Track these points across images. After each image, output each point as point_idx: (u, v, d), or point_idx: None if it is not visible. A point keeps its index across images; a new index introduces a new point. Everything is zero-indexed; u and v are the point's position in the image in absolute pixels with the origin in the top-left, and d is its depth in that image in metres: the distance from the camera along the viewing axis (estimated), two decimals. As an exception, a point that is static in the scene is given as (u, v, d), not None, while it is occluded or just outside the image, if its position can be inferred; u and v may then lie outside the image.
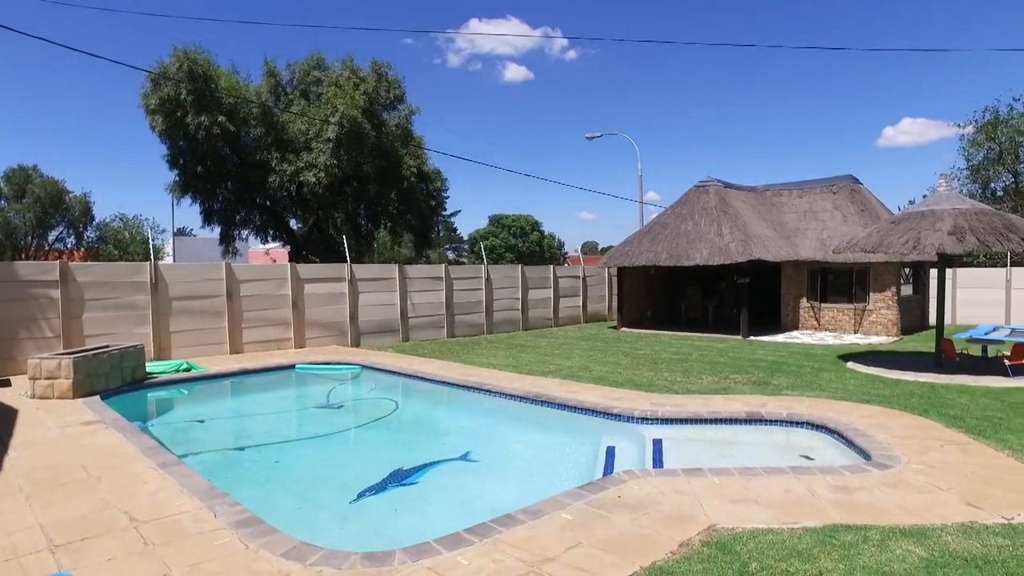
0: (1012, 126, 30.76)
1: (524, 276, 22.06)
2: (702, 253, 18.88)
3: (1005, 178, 32.14)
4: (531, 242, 66.16)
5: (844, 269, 19.54)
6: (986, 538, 4.64)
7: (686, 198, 21.69)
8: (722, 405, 9.05)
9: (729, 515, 5.11)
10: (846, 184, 21.56)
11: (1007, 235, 10.76)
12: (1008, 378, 10.90)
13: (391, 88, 26.40)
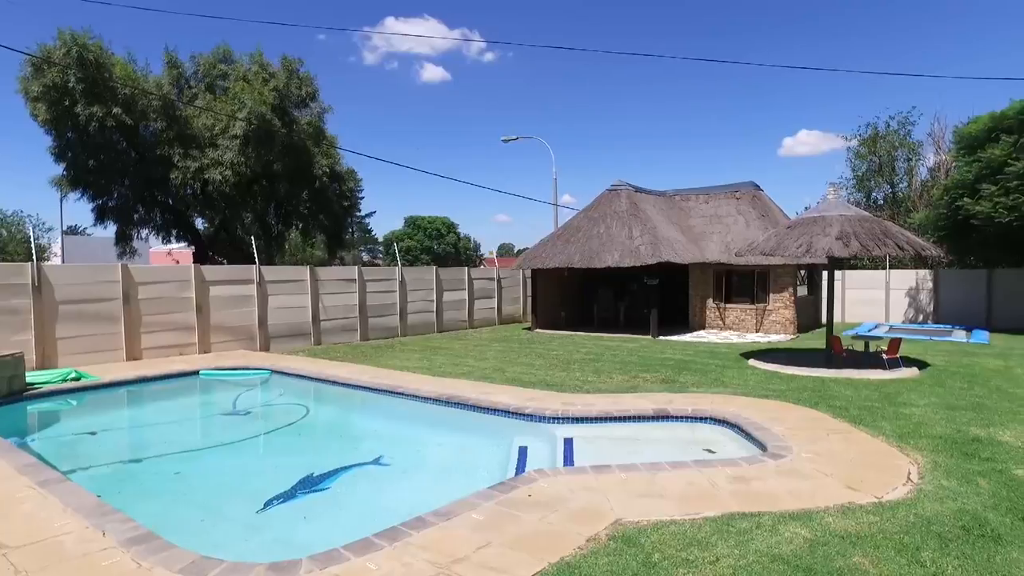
0: (889, 141, 33.40)
1: (439, 278, 21.98)
2: (614, 255, 19.41)
3: (884, 188, 34.82)
4: (447, 244, 65.95)
5: (747, 271, 20.60)
6: (861, 516, 5.04)
7: (598, 201, 22.25)
8: (631, 403, 9.35)
9: (635, 509, 5.29)
10: (748, 190, 22.75)
11: (884, 240, 11.68)
12: (885, 371, 11.83)
13: (303, 85, 25.68)
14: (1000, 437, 7.44)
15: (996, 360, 13.91)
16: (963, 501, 5.39)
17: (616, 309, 23.61)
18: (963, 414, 8.63)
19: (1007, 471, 6.19)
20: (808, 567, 4.23)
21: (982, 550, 4.50)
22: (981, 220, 19.93)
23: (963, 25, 64.52)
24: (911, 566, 4.25)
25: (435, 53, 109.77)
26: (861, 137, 34.37)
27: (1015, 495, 5.56)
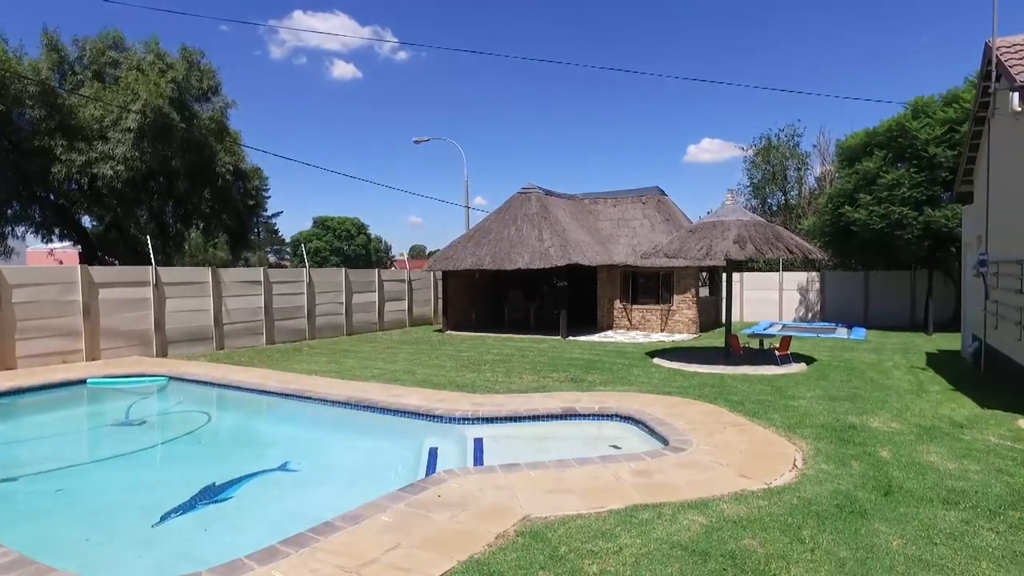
0: (781, 152, 35.66)
1: (348, 280, 21.55)
2: (524, 257, 19.69)
3: (778, 196, 37.13)
4: (357, 245, 64.73)
5: (652, 273, 21.42)
6: (752, 502, 5.39)
7: (509, 204, 22.51)
8: (540, 402, 9.54)
9: (543, 505, 5.42)
10: (654, 195, 23.67)
11: (776, 244, 12.49)
12: (778, 366, 12.64)
13: (204, 77, 24.51)
14: (871, 424, 8.14)
15: (871, 354, 15.15)
16: (838, 482, 5.87)
17: (527, 310, 23.95)
18: (842, 404, 9.36)
19: (875, 453, 6.80)
20: (704, 551, 4.49)
21: (851, 524, 4.94)
22: (859, 226, 21.61)
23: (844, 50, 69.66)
24: (793, 543, 4.59)
25: (346, 50, 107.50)
26: (756, 147, 36.53)
27: (879, 474, 6.13)
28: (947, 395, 10.14)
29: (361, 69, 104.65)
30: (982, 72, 11.65)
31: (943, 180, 19.73)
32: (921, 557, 4.39)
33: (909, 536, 4.73)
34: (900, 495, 5.59)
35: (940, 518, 5.07)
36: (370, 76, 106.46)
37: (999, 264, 11.43)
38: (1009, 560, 4.38)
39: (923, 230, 20.35)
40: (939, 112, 20.69)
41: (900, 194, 20.69)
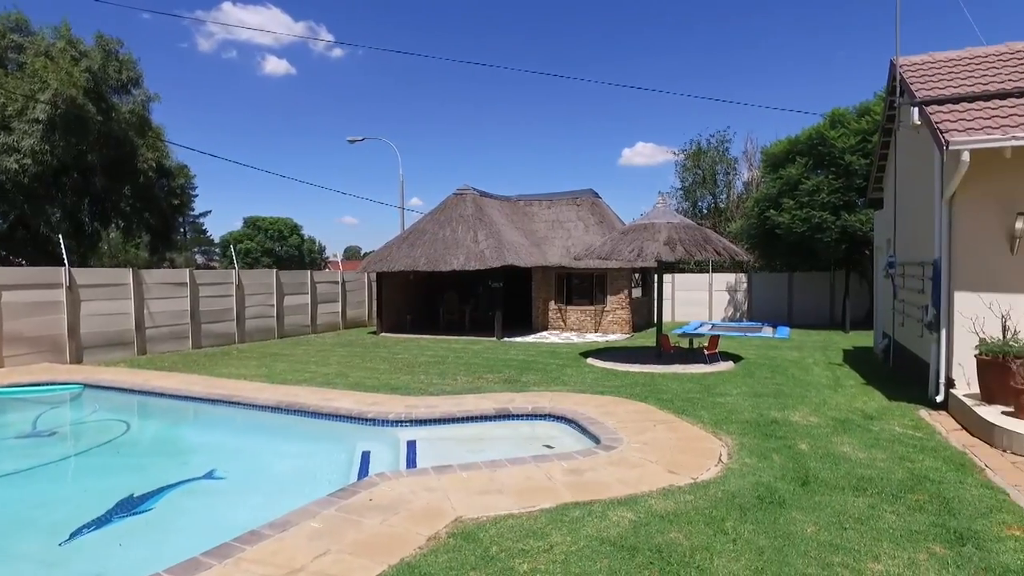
0: (710, 157, 36.90)
1: (280, 281, 20.98)
2: (459, 259, 19.66)
3: (708, 199, 38.39)
4: (290, 246, 63.05)
5: (586, 274, 21.74)
6: (679, 497, 5.55)
7: (444, 205, 22.42)
8: (474, 404, 9.55)
9: (475, 506, 5.42)
10: (588, 197, 24.04)
11: (705, 246, 12.90)
12: (707, 365, 13.05)
13: (123, 68, 23.39)
14: (791, 418, 8.51)
15: (794, 352, 15.84)
16: (760, 475, 6.12)
17: (462, 312, 23.91)
18: (766, 400, 9.75)
19: (794, 446, 7.11)
20: (632, 546, 4.59)
21: (771, 514, 5.15)
22: (783, 230, 22.62)
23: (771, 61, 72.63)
24: (716, 535, 4.75)
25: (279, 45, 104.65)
26: (687, 152, 37.64)
27: (797, 465, 6.42)
28: (860, 389, 10.70)
29: (295, 65, 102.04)
30: (888, 87, 12.37)
31: (858, 187, 20.85)
32: (832, 542, 4.63)
33: (822, 523, 4.98)
34: (816, 485, 5.87)
35: (850, 504, 5.36)
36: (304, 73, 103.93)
37: (905, 266, 12.16)
38: (906, 539, 4.68)
39: (840, 233, 21.48)
40: (853, 123, 21.88)
41: (820, 199, 21.78)
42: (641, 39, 79.57)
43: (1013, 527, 4.89)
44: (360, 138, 29.50)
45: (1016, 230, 8.55)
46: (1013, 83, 9.92)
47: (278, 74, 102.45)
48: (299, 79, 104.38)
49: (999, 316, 8.42)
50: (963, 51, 11.99)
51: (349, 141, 29.53)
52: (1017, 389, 7.42)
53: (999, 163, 8.50)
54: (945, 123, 8.91)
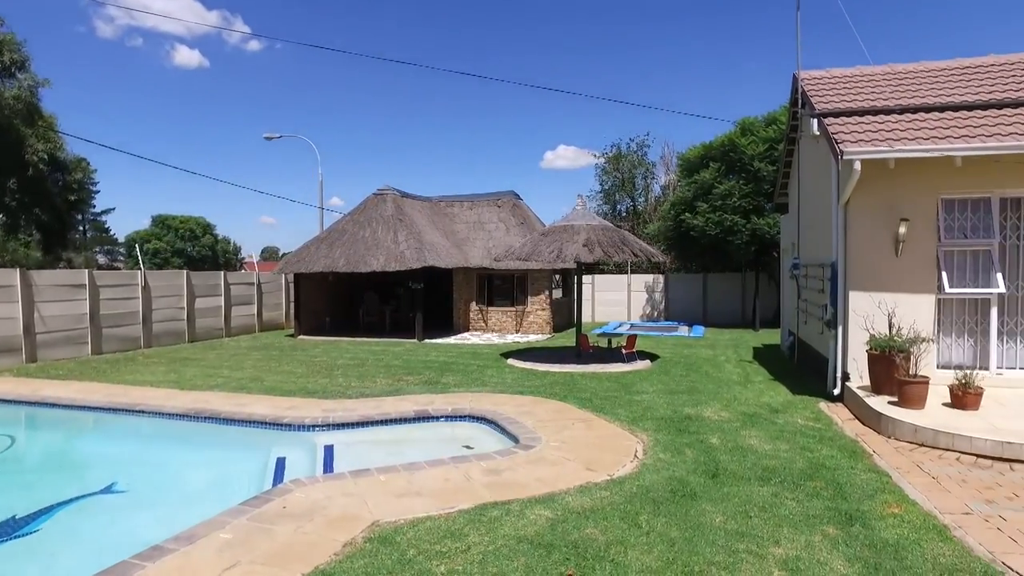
0: (630, 160, 37.90)
1: (191, 283, 20.04)
2: (379, 260, 19.38)
3: (627, 202, 39.41)
4: (203, 246, 60.41)
5: (507, 275, 21.88)
6: (595, 493, 5.68)
7: (364, 205, 22.05)
8: (393, 406, 9.44)
9: (393, 509, 5.36)
10: (509, 199, 24.19)
11: (622, 247, 13.24)
12: (625, 364, 13.40)
13: (5, 49, 21.62)
14: (704, 414, 8.86)
15: (707, 350, 16.48)
16: (673, 470, 6.34)
17: (382, 313, 23.57)
18: (680, 397, 10.11)
19: (706, 441, 7.41)
20: (548, 543, 4.66)
21: (683, 506, 5.35)
22: (697, 232, 23.51)
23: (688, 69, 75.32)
24: (631, 529, 4.89)
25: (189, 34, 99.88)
26: (607, 155, 38.50)
27: (708, 459, 6.70)
28: (768, 385, 11.26)
29: (208, 56, 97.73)
30: (792, 99, 13.11)
31: (766, 192, 21.92)
32: (738, 529, 4.85)
33: (730, 512, 5.21)
34: (725, 477, 6.14)
35: (755, 494, 5.64)
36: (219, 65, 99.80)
37: (807, 267, 12.89)
38: (804, 523, 4.98)
39: (750, 236, 22.53)
40: (762, 131, 23.01)
41: (732, 203, 22.78)
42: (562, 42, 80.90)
43: (893, 505, 5.30)
44: (277, 135, 28.64)
45: (900, 234, 9.22)
46: (895, 101, 10.74)
47: (190, 66, 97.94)
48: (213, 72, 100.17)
49: (886, 314, 9.06)
50: (854, 69, 12.86)
51: (266, 138, 28.61)
52: (900, 380, 8.02)
53: (885, 173, 9.16)
54: (840, 134, 9.51)
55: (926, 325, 9.29)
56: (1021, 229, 9.37)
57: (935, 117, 9.86)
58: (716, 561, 4.35)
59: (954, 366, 9.21)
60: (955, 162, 8.84)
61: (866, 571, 4.21)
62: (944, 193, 9.42)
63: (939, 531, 4.82)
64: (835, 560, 4.35)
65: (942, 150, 8.75)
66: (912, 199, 9.38)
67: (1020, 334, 9.41)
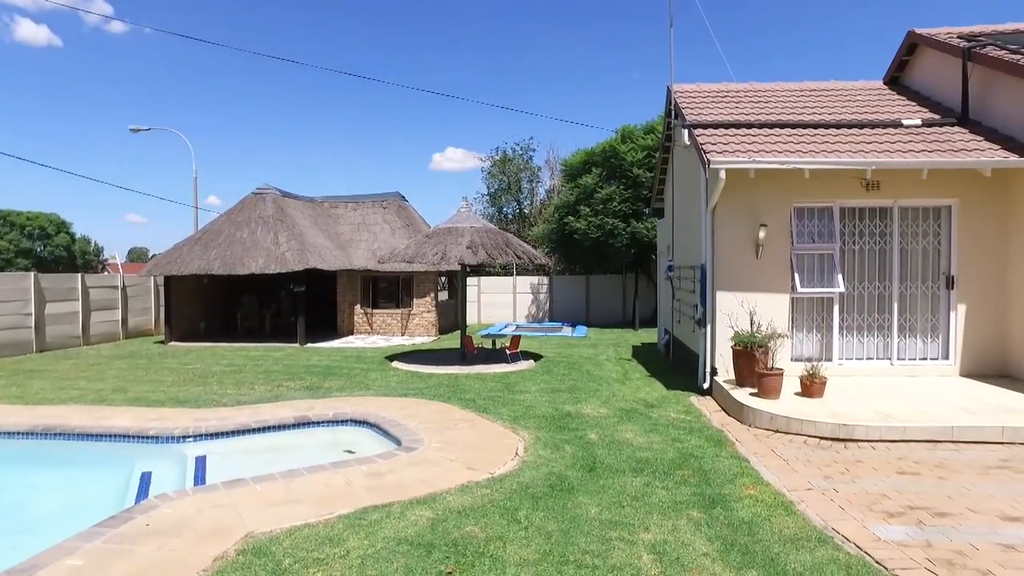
0: (516, 164, 38.56)
1: (40, 287, 18.21)
2: (258, 261, 18.55)
3: (513, 205, 40.03)
4: (56, 246, 55.16)
5: (393, 277, 21.61)
6: (476, 492, 5.75)
7: (243, 205, 21.02)
8: (272, 413, 9.09)
9: (269, 519, 5.17)
10: (395, 200, 23.91)
11: (506, 250, 13.47)
12: (509, 364, 13.62)
13: None
14: (584, 411, 9.19)
15: (589, 349, 17.09)
16: (553, 466, 6.54)
17: (262, 317, 22.56)
18: (561, 395, 10.42)
19: (584, 437, 7.70)
20: (429, 543, 4.67)
21: (560, 500, 5.53)
22: (580, 235, 24.32)
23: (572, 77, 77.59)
24: (510, 524, 5.00)
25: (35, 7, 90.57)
26: (493, 159, 38.95)
27: (586, 454, 6.96)
28: (644, 381, 11.84)
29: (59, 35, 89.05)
30: (666, 110, 13.89)
31: (644, 197, 23.05)
32: (611, 519, 5.09)
33: (605, 503, 5.45)
34: (601, 470, 6.40)
35: (629, 484, 5.93)
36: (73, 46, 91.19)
37: (681, 269, 13.69)
38: (671, 509, 5.30)
39: (630, 239, 23.60)
40: (641, 139, 24.17)
41: (612, 207, 23.76)
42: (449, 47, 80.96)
43: (750, 487, 5.76)
44: (145, 128, 26.63)
45: (759, 239, 10.02)
46: (756, 116, 11.67)
47: (37, 44, 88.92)
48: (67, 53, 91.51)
49: (748, 312, 9.80)
50: (722, 85, 13.84)
51: (132, 130, 26.53)
52: (759, 373, 8.71)
53: (747, 182, 9.92)
54: (708, 145, 10.20)
55: (782, 322, 10.14)
56: (857, 235, 10.45)
57: (788, 133, 10.82)
58: (590, 550, 4.54)
59: (805, 358, 10.11)
60: (804, 174, 9.72)
61: (724, 548, 4.55)
62: (796, 202, 10.33)
63: (786, 507, 5.30)
64: (698, 540, 4.67)
65: (793, 163, 9.60)
66: (770, 206, 10.22)
67: (856, 329, 10.50)
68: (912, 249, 10.44)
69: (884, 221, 10.43)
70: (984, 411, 7.86)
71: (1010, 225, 10.07)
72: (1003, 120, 10.33)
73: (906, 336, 10.48)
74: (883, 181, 10.15)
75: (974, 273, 10.22)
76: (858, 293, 10.47)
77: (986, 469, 6.29)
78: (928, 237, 10.41)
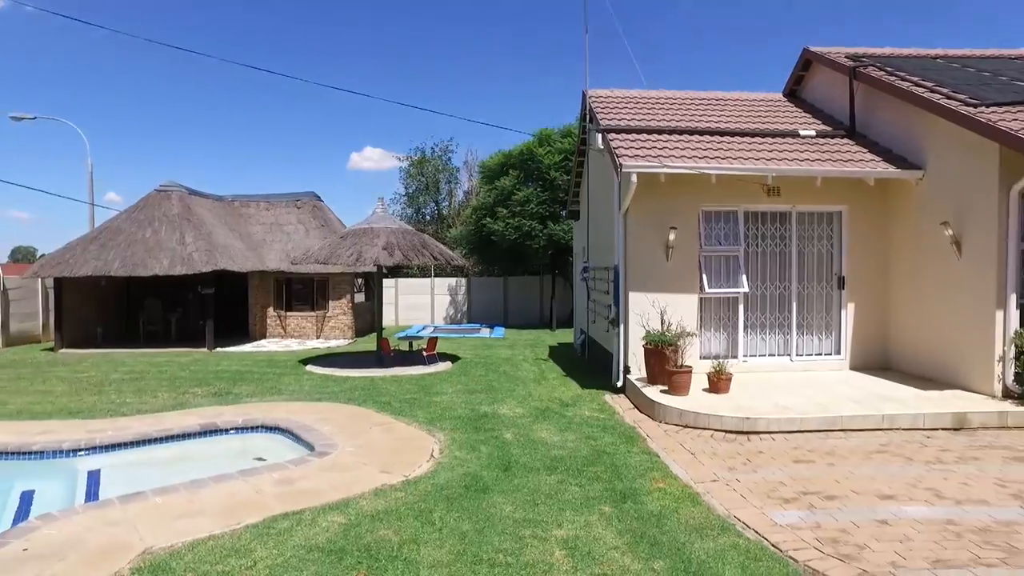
0: (434, 165, 38.32)
1: (-91, 290, 16.59)
2: (163, 263, 17.59)
3: (431, 206, 39.77)
4: (-74, 245, 50.26)
5: (307, 279, 21.02)
6: (390, 495, 5.68)
7: (145, 203, 19.84)
8: (176, 421, 8.64)
9: (170, 533, 4.91)
10: (309, 200, 23.27)
11: (423, 251, 13.38)
12: (426, 366, 13.52)
13: None
14: (500, 411, 9.25)
15: (507, 350, 17.20)
16: (468, 466, 6.54)
17: (167, 321, 21.41)
18: (478, 396, 10.44)
19: (500, 437, 7.74)
20: (340, 548, 4.57)
21: (475, 501, 5.54)
22: (498, 237, 24.46)
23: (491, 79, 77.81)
24: (424, 526, 4.96)
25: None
26: (412, 159, 38.55)
27: (502, 453, 7.01)
28: (560, 381, 12.03)
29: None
30: (582, 114, 14.18)
31: (561, 199, 23.43)
32: (525, 517, 5.14)
33: (519, 502, 5.50)
34: (516, 469, 6.46)
35: (543, 483, 6.01)
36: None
37: (595, 270, 14.01)
38: (584, 505, 5.42)
39: (547, 241, 23.93)
40: (558, 142, 24.57)
41: (530, 209, 24.02)
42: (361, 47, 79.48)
43: (659, 481, 5.97)
44: (30, 116, 24.71)
45: (670, 241, 10.39)
46: (667, 122, 12.09)
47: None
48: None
49: (659, 311, 10.14)
50: (635, 91, 14.25)
51: (13, 119, 24.55)
52: (670, 371, 9.04)
53: (658, 185, 10.26)
54: (620, 149, 10.48)
55: (691, 321, 10.55)
56: (759, 238, 11.03)
57: (697, 139, 11.27)
58: (503, 548, 4.56)
59: (713, 356, 10.54)
60: (711, 179, 10.15)
61: (633, 540, 4.68)
62: (704, 206, 10.78)
63: (692, 498, 5.52)
64: (608, 535, 4.79)
65: (700, 168, 10.02)
66: (679, 210, 10.61)
67: (760, 327, 11.07)
68: (808, 252, 11.11)
69: (784, 225, 11.05)
70: (868, 401, 8.48)
71: (890, 230, 10.91)
72: (883, 133, 11.17)
73: (804, 334, 11.13)
74: (783, 187, 10.75)
75: (861, 274, 10.99)
76: (761, 293, 11.03)
77: (868, 454, 6.78)
78: (823, 240, 11.11)
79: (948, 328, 9.53)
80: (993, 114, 8.74)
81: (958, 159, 9.37)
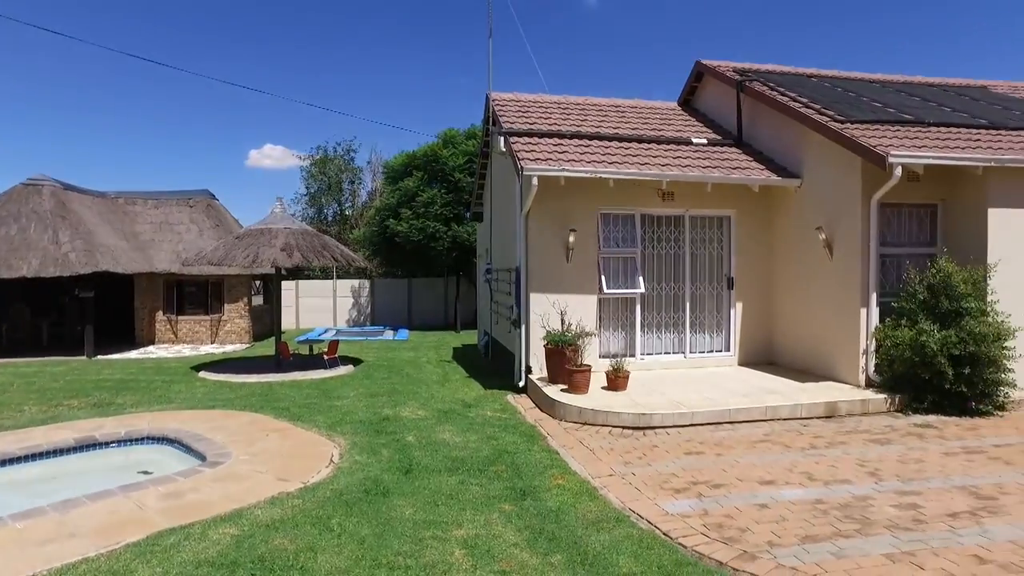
0: (337, 164, 37.42)
1: None
2: (32, 263, 16.19)
3: (334, 206, 38.79)
4: None
5: (200, 281, 19.97)
6: (287, 503, 5.51)
7: (10, 198, 18.17)
8: (45, 436, 7.97)
9: (35, 560, 4.52)
10: (203, 199, 22.12)
11: (323, 252, 13.03)
12: (327, 370, 13.18)
13: None
14: (402, 414, 9.16)
15: (410, 352, 17.03)
16: (368, 470, 6.44)
17: (37, 328, 19.69)
18: (380, 399, 10.29)
19: (402, 439, 7.67)
20: (233, 561, 4.39)
21: (375, 505, 5.47)
22: (402, 238, 24.17)
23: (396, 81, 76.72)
24: (323, 533, 4.85)
25: None
26: (314, 158, 37.46)
27: (403, 456, 6.95)
28: (463, 382, 12.05)
29: None
30: (485, 117, 14.27)
31: (465, 201, 23.44)
32: (426, 519, 5.13)
33: (419, 504, 5.48)
34: (418, 471, 6.42)
35: (444, 483, 6.01)
36: None
37: (498, 272, 14.13)
38: (484, 504, 5.47)
39: (451, 243, 23.88)
40: (463, 144, 24.58)
41: (434, 211, 23.90)
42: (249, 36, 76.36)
43: (558, 478, 6.12)
44: None
45: (569, 243, 10.65)
46: (567, 127, 12.38)
47: None
48: None
49: (560, 312, 10.37)
50: (537, 95, 14.50)
51: None
52: (569, 370, 9.26)
53: (559, 189, 10.49)
54: (522, 152, 10.63)
55: (591, 321, 10.85)
56: (655, 241, 11.51)
57: (597, 144, 11.61)
58: (403, 551, 4.54)
59: (611, 355, 10.90)
60: (609, 183, 10.49)
61: (532, 536, 4.78)
62: (603, 208, 11.13)
63: (590, 493, 5.70)
64: (508, 532, 4.86)
65: (598, 172, 10.33)
66: (579, 212, 10.89)
67: (655, 326, 11.55)
68: (701, 254, 11.70)
69: (678, 228, 11.58)
70: (754, 394, 9.04)
71: (774, 234, 11.69)
72: (767, 144, 11.95)
73: (696, 332, 11.71)
74: (676, 192, 11.27)
75: (748, 275, 11.70)
76: (656, 294, 11.51)
77: (753, 444, 7.24)
78: (714, 243, 11.74)
79: (822, 325, 10.33)
80: (856, 130, 9.56)
81: (829, 170, 10.19)
